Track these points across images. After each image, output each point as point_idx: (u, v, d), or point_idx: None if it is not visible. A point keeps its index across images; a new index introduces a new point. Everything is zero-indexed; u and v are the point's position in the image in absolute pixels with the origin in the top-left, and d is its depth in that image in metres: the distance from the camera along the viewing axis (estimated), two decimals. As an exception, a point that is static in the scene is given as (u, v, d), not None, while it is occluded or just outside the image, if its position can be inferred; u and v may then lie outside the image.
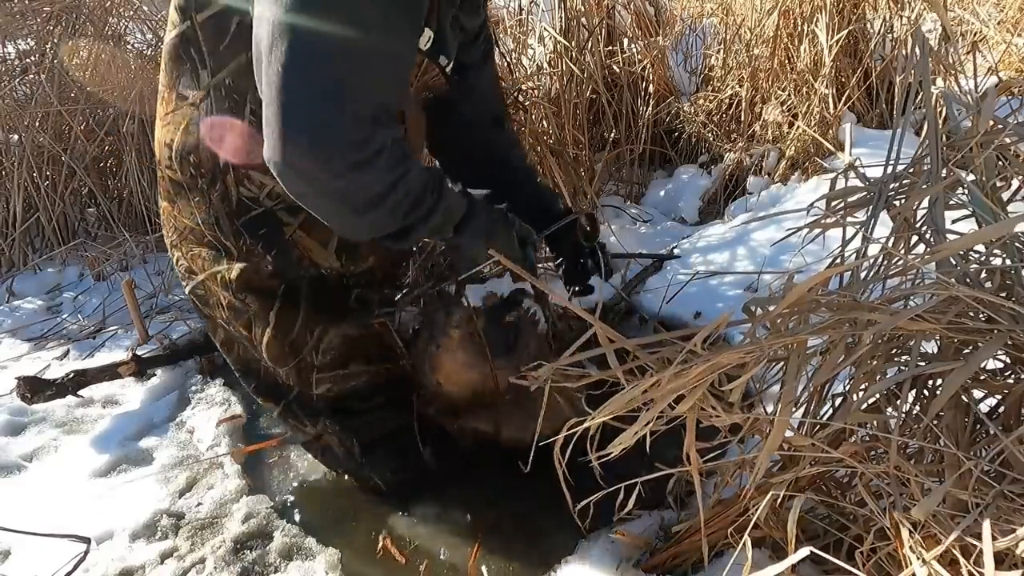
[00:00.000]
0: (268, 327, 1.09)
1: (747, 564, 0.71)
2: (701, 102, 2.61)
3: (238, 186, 1.02)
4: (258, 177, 1.01)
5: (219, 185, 1.02)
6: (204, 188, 1.03)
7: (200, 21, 0.95)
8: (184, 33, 0.97)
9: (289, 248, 1.06)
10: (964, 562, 0.65)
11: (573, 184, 2.18)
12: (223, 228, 1.05)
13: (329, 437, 1.21)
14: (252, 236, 1.05)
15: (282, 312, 1.08)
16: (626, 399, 0.81)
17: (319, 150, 0.79)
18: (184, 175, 1.04)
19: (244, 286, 1.07)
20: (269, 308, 1.08)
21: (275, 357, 1.12)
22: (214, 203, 1.03)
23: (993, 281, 0.77)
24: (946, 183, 0.79)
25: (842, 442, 0.84)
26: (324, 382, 1.15)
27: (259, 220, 1.04)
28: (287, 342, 1.11)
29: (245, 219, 1.04)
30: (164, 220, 1.15)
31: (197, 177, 1.02)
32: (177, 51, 0.98)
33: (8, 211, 2.47)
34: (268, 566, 1.18)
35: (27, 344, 2.02)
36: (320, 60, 0.79)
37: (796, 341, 0.78)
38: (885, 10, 2.27)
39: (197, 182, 1.03)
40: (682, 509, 1.14)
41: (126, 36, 2.72)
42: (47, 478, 1.44)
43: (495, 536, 1.22)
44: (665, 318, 1.85)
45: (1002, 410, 0.81)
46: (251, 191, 1.02)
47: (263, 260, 1.06)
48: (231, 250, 1.06)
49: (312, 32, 0.78)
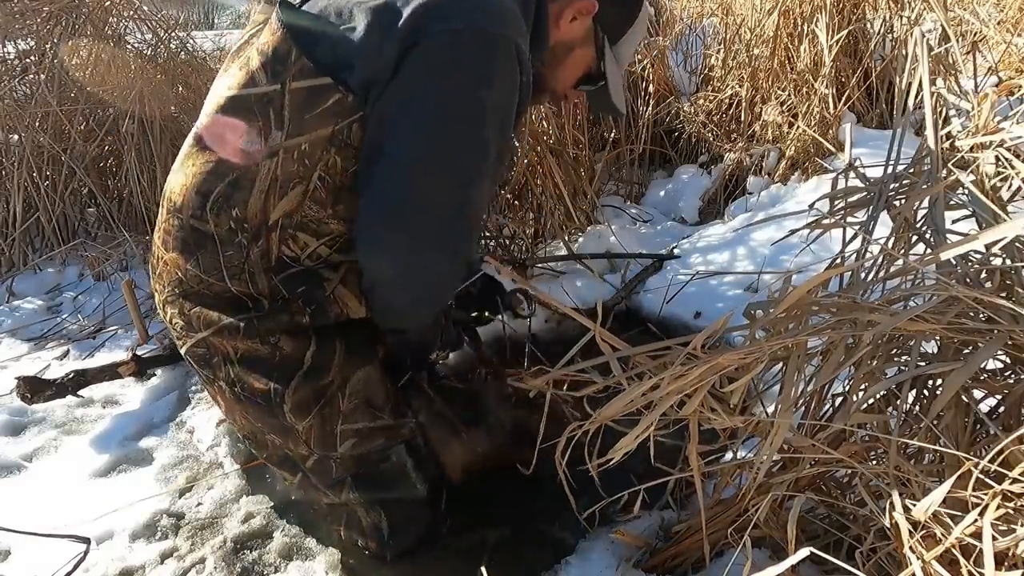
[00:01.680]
0: (300, 370, 1.04)
1: (747, 564, 0.71)
2: (701, 102, 2.61)
3: (281, 244, 1.00)
4: (303, 238, 1.00)
5: (262, 242, 0.99)
6: (244, 243, 0.99)
7: (293, 88, 0.94)
8: (268, 94, 0.94)
9: (328, 304, 1.04)
10: (964, 562, 0.65)
11: (573, 184, 2.19)
12: (257, 283, 1.01)
13: (355, 506, 1.14)
14: (290, 292, 1.02)
15: (318, 353, 1.05)
16: (626, 401, 0.81)
17: (438, 251, 0.95)
18: (220, 227, 0.99)
19: (276, 328, 1.03)
20: (304, 350, 1.04)
21: (299, 404, 1.04)
22: (252, 258, 1.00)
23: (993, 281, 0.77)
24: (946, 183, 0.80)
25: (842, 442, 0.84)
26: (348, 436, 1.07)
27: (299, 277, 1.02)
28: (316, 387, 1.05)
29: (284, 276, 1.02)
30: (163, 273, 1.07)
31: (237, 231, 0.99)
32: (251, 107, 0.96)
33: (8, 211, 2.47)
34: (268, 566, 1.18)
35: (27, 344, 2.02)
36: (451, 177, 0.93)
37: (796, 342, 0.78)
38: (885, 10, 2.28)
39: (236, 236, 0.99)
40: (682, 509, 1.14)
41: (126, 36, 2.72)
42: (47, 478, 1.44)
43: (495, 536, 1.22)
44: (665, 318, 1.85)
45: (1002, 410, 0.81)
46: (292, 251, 1.01)
47: (300, 313, 1.03)
48: (261, 302, 1.03)
49: (445, 152, 0.93)
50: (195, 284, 1.04)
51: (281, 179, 0.96)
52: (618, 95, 1.19)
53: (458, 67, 0.90)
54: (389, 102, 0.91)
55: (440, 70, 0.90)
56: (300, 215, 0.99)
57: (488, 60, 0.90)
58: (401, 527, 1.15)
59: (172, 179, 1.06)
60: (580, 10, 1.07)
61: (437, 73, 0.90)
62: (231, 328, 1.02)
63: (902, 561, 0.69)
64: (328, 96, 0.93)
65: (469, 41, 0.89)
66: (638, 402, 0.81)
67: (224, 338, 1.03)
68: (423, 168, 0.92)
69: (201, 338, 1.05)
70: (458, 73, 0.90)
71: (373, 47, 0.90)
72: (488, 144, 0.94)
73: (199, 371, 1.09)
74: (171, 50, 2.77)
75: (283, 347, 1.03)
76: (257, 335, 1.02)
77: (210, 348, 1.05)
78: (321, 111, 0.93)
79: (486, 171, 0.96)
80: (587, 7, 1.06)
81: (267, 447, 1.13)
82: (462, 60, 0.90)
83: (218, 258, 1.01)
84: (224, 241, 1.00)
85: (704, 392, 0.80)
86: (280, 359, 1.04)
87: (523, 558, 1.15)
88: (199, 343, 1.05)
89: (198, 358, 1.07)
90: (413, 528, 1.17)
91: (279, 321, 1.03)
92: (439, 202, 0.94)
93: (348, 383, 1.07)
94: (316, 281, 1.03)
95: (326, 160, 0.96)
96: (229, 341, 1.03)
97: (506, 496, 1.26)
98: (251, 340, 1.03)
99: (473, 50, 0.90)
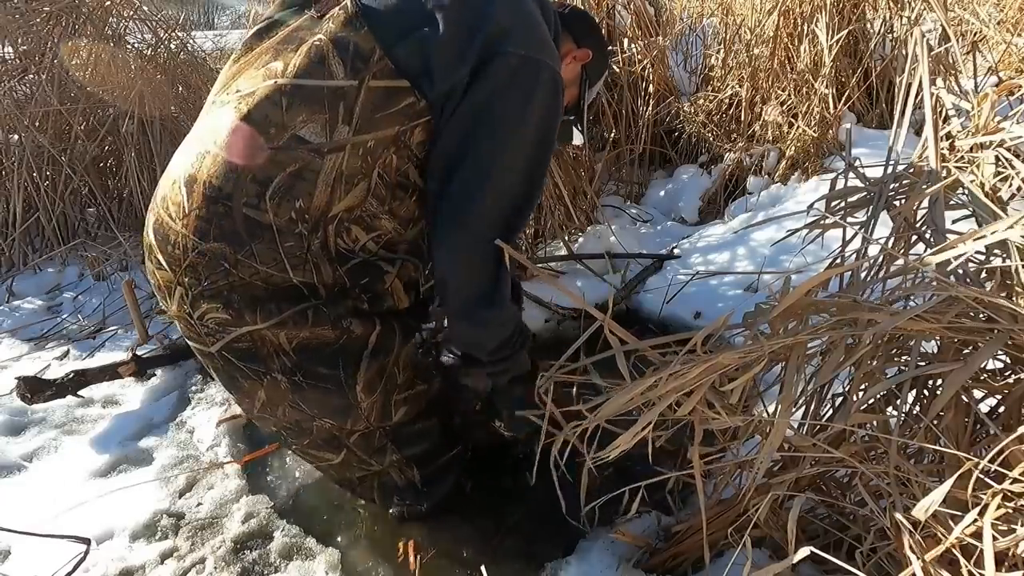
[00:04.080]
0: (367, 350, 1.08)
1: (747, 564, 0.71)
2: (701, 102, 2.61)
3: (336, 237, 1.02)
4: (356, 231, 1.04)
5: (320, 233, 1.01)
6: (304, 234, 1.00)
7: (371, 87, 0.96)
8: (344, 89, 0.96)
9: (384, 295, 1.10)
10: (964, 562, 0.65)
11: (573, 184, 2.19)
12: (322, 273, 1.03)
13: (392, 469, 1.21)
14: (353, 282, 1.06)
15: (383, 334, 1.10)
16: (624, 399, 0.81)
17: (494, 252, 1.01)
18: (280, 217, 0.98)
19: (345, 313, 1.06)
20: (370, 331, 1.08)
21: (370, 381, 1.10)
22: (313, 249, 1.01)
23: (993, 281, 0.77)
24: (946, 183, 0.80)
25: (842, 442, 0.84)
26: (400, 405, 1.15)
27: (362, 268, 1.06)
28: (380, 364, 1.10)
29: (348, 267, 1.05)
30: (199, 264, 1.00)
31: (297, 221, 0.99)
32: (322, 99, 0.96)
33: (8, 211, 2.47)
34: (268, 566, 1.19)
35: (27, 344, 2.02)
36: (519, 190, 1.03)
37: (796, 342, 0.78)
38: (885, 10, 2.27)
39: (296, 227, 0.99)
40: (682, 509, 1.14)
41: (126, 36, 2.73)
42: (47, 478, 1.44)
43: (495, 536, 1.22)
44: (665, 318, 1.85)
45: (1002, 410, 0.81)
46: (346, 244, 1.04)
47: (359, 300, 1.08)
48: (319, 291, 1.04)
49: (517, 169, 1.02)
50: (247, 275, 1.00)
51: (347, 174, 0.99)
52: (581, 127, 1.37)
53: (529, 90, 0.99)
54: (465, 115, 0.99)
55: (516, 88, 0.99)
56: (360, 209, 1.02)
57: (549, 88, 1.02)
58: (434, 479, 1.24)
59: (200, 162, 0.99)
60: (577, 56, 1.24)
61: (514, 91, 0.99)
62: (297, 317, 1.03)
63: (902, 561, 0.69)
64: (402, 99, 0.98)
65: (538, 69, 1.00)
66: (637, 400, 0.81)
67: (286, 328, 1.02)
68: (500, 180, 1.00)
69: (248, 331, 1.02)
70: (531, 95, 1.00)
71: (455, 57, 0.96)
72: (545, 166, 1.08)
73: (243, 366, 1.05)
74: (171, 50, 2.78)
75: (354, 330, 1.07)
76: (328, 321, 1.05)
77: (256, 341, 1.03)
78: (393, 112, 0.98)
79: (541, 186, 1.09)
80: (583, 55, 1.24)
81: (310, 433, 1.14)
82: (534, 84, 0.99)
83: (277, 249, 1.00)
84: (283, 231, 0.99)
85: (703, 391, 0.80)
86: (344, 343, 1.06)
87: (523, 558, 1.16)
88: (242, 337, 1.03)
89: (241, 353, 1.04)
90: (444, 480, 1.25)
91: (346, 306, 1.06)
92: (506, 209, 1.02)
93: (400, 358, 1.13)
94: (378, 273, 1.08)
95: (385, 158, 1.01)
96: (291, 331, 1.03)
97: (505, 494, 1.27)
98: (321, 327, 1.04)
99: (541, 77, 1.00)
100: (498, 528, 1.23)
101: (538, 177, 1.06)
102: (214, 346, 1.05)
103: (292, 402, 1.09)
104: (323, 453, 1.18)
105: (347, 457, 1.17)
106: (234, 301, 1.01)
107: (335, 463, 1.18)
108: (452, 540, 1.21)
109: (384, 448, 1.18)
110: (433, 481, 1.24)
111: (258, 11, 4.96)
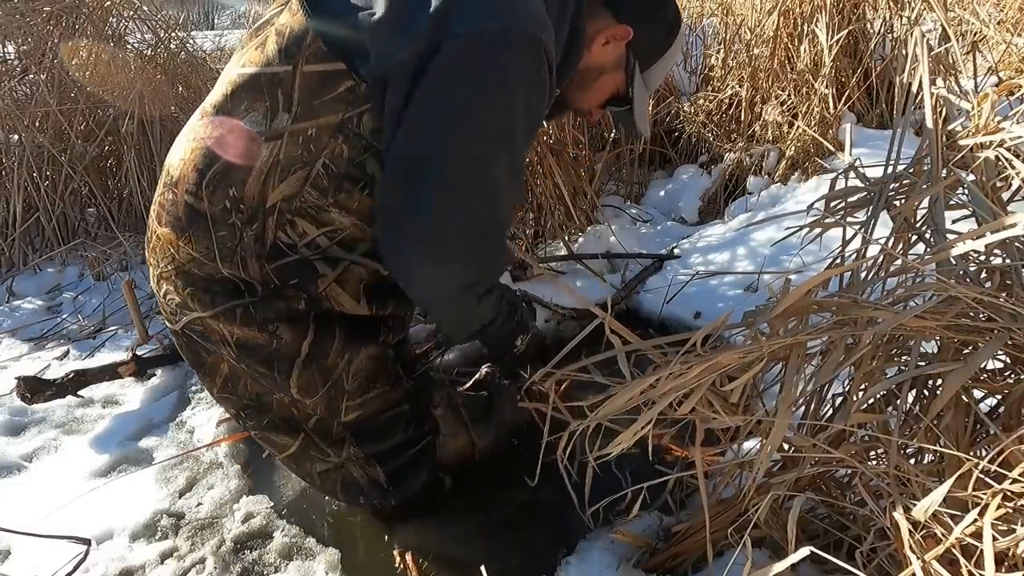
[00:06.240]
0: (299, 358, 1.04)
1: (747, 564, 0.71)
2: (701, 102, 2.61)
3: (277, 230, 0.98)
4: (302, 224, 0.98)
5: (257, 225, 0.97)
6: (237, 224, 0.97)
7: (305, 71, 0.92)
8: (279, 75, 0.93)
9: (320, 299, 1.03)
10: (964, 562, 0.65)
11: (573, 184, 2.18)
12: (248, 268, 0.99)
13: (352, 465, 1.15)
14: (282, 282, 1.01)
15: (316, 342, 1.04)
16: (624, 399, 0.81)
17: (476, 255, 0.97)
18: (214, 206, 0.97)
19: (273, 316, 1.01)
20: (302, 339, 1.03)
21: (305, 387, 1.06)
22: (244, 241, 0.98)
23: (993, 281, 0.77)
24: (946, 183, 0.80)
25: (842, 442, 0.84)
26: (353, 409, 1.10)
27: (292, 268, 1.00)
28: (319, 370, 1.05)
29: (277, 264, 1.00)
30: (156, 247, 1.06)
31: (231, 211, 0.97)
32: (260, 86, 0.94)
33: (8, 211, 2.47)
34: (268, 566, 1.18)
35: (27, 344, 2.02)
36: (484, 189, 0.93)
37: (796, 342, 0.78)
38: (885, 10, 2.27)
39: (229, 216, 0.97)
40: (682, 509, 1.14)
41: (126, 36, 2.73)
42: (47, 478, 1.43)
43: (495, 536, 1.22)
44: (665, 318, 1.85)
45: (1002, 410, 0.81)
46: (290, 238, 0.99)
47: (296, 299, 1.02)
48: (254, 287, 1.01)
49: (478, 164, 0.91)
50: (187, 263, 1.02)
51: (283, 162, 0.95)
52: (643, 119, 1.17)
53: (484, 73, 0.87)
54: (418, 110, 0.89)
55: (467, 77, 0.87)
56: (299, 200, 0.97)
57: (514, 63, 0.87)
58: (398, 476, 1.16)
59: (172, 152, 1.04)
60: (614, 35, 1.06)
61: (464, 80, 0.87)
62: (227, 313, 1.01)
63: (902, 561, 0.69)
64: (340, 83, 0.91)
65: (494, 43, 0.86)
66: (637, 399, 0.81)
67: (220, 322, 1.02)
68: (455, 179, 0.91)
69: (197, 318, 1.04)
70: (484, 80, 0.88)
71: (392, 40, 0.88)
72: (517, 148, 0.95)
73: (200, 343, 1.07)
74: (171, 50, 2.78)
75: (282, 335, 1.02)
76: (255, 323, 1.01)
77: (207, 328, 1.04)
78: (332, 97, 0.92)
79: (516, 179, 0.99)
80: (621, 33, 1.05)
81: (271, 409, 1.12)
82: (485, 65, 0.87)
83: (210, 238, 0.99)
84: (217, 220, 0.98)
85: (703, 391, 0.80)
86: (277, 347, 1.03)
87: (523, 558, 1.16)
88: (195, 321, 1.04)
89: (197, 333, 1.06)
90: (413, 475, 1.18)
91: (276, 308, 1.01)
92: (470, 215, 0.93)
93: (352, 364, 1.08)
94: (310, 275, 1.01)
95: (332, 148, 0.95)
96: (225, 325, 1.02)
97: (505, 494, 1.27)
98: (248, 328, 1.01)
99: (497, 53, 0.86)
100: (498, 528, 1.23)
101: (508, 168, 0.94)
102: (177, 324, 1.08)
103: (249, 378, 1.09)
104: (282, 438, 1.14)
105: (305, 443, 1.13)
106: (179, 286, 1.04)
107: (293, 451, 1.14)
108: (451, 540, 1.21)
109: (343, 440, 1.12)
110: (399, 477, 1.16)
111: (258, 11, 4.97)
